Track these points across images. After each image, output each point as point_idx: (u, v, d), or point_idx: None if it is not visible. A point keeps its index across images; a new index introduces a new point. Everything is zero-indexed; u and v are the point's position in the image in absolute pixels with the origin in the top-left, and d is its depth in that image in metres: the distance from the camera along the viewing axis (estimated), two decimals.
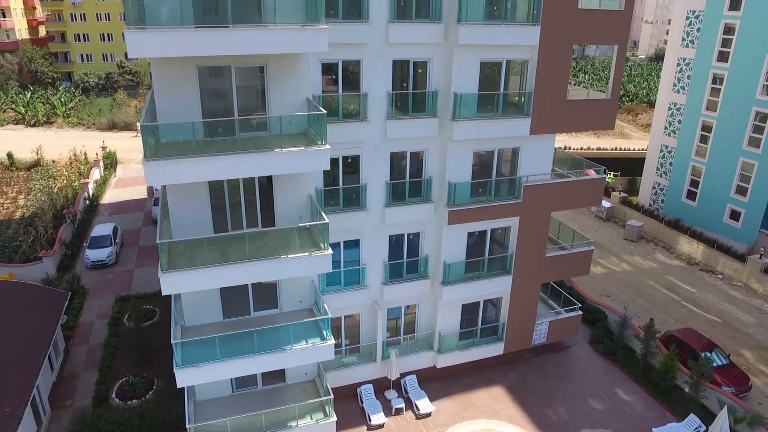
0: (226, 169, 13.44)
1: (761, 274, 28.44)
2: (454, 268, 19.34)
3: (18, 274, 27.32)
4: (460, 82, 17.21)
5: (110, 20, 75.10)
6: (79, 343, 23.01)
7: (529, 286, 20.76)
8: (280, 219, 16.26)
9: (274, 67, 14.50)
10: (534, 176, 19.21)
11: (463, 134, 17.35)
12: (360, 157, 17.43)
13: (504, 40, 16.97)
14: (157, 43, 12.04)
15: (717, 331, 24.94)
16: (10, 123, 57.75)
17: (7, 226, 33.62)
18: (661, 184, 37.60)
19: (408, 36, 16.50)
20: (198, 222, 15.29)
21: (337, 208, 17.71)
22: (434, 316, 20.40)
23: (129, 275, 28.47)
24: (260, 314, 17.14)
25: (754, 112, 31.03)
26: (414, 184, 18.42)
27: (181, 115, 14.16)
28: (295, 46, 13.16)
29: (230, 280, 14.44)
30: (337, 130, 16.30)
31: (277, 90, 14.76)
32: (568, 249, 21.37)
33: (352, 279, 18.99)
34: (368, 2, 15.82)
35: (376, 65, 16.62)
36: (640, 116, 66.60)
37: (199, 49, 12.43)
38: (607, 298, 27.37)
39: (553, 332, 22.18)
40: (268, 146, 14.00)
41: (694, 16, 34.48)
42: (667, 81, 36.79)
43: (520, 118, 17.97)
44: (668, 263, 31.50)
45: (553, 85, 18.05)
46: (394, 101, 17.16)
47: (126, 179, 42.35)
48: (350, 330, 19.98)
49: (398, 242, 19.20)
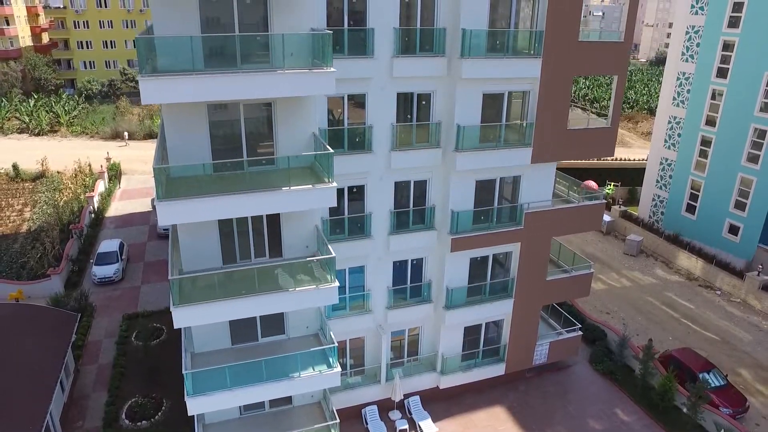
0: (236, 207, 13.83)
1: (759, 290, 28.80)
2: (457, 292, 19.74)
3: (27, 292, 27.75)
4: (463, 113, 17.59)
5: (113, 27, 75.53)
6: (89, 363, 23.42)
7: (530, 309, 21.16)
8: (287, 249, 16.68)
9: (281, 104, 14.89)
10: (535, 203, 19.59)
11: (466, 165, 17.73)
12: (365, 186, 17.83)
13: (506, 73, 17.36)
14: (169, 91, 12.38)
15: (715, 349, 25.32)
16: (14, 132, 58.16)
17: (14, 240, 34.04)
18: (661, 196, 37.94)
19: (412, 70, 16.89)
20: (207, 252, 15.68)
21: (342, 237, 18.11)
22: (437, 338, 20.79)
23: (136, 292, 28.88)
24: (268, 340, 17.56)
25: (752, 128, 31.37)
26: (417, 212, 18.82)
27: (191, 149, 14.53)
28: (303, 89, 13.55)
29: (240, 313, 14.86)
30: (343, 161, 16.66)
31: (284, 125, 15.16)
32: (569, 271, 21.76)
33: (357, 304, 19.41)
34: (373, 39, 16.20)
35: (380, 98, 17.00)
36: (640, 124, 66.79)
37: (209, 94, 12.83)
38: (606, 315, 27.74)
39: (553, 352, 22.58)
40: (276, 183, 14.37)
41: (694, 32, 34.81)
42: (667, 94, 37.11)
43: (522, 148, 18.34)
44: (667, 279, 31.86)
45: (554, 115, 18.42)
46: (398, 133, 17.53)
47: (130, 191, 42.75)
48: (355, 351, 20.40)
49: (402, 268, 19.60)
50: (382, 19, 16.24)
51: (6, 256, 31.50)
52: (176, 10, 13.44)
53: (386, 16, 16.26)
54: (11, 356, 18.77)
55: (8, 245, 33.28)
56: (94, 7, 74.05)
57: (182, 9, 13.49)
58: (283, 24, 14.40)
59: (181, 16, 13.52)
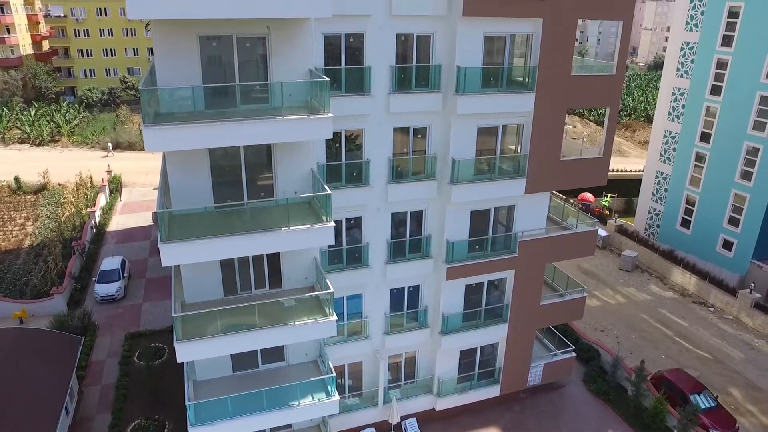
0: (237, 247, 14.19)
1: (751, 308, 29.27)
2: (452, 318, 20.19)
3: (30, 311, 28.18)
4: (458, 147, 18.02)
5: (113, 36, 75.90)
6: (92, 383, 23.85)
7: (525, 333, 21.61)
8: (287, 281, 17.16)
9: (280, 144, 15.33)
10: (529, 231, 20.03)
11: (461, 197, 18.17)
12: (362, 218, 18.26)
13: (500, 107, 17.80)
14: (172, 139, 12.82)
15: (707, 368, 25.79)
16: (15, 142, 58.53)
17: (17, 256, 34.45)
18: (657, 209, 38.40)
19: (408, 106, 17.33)
20: (209, 285, 16.22)
21: (341, 266, 18.55)
22: (433, 361, 21.25)
23: (138, 309, 29.31)
24: (268, 367, 18.01)
25: (745, 146, 31.82)
26: (414, 242, 19.26)
27: (193, 184, 14.91)
28: (302, 134, 14.00)
29: (241, 347, 15.36)
30: (341, 195, 17.08)
31: (282, 163, 15.63)
32: (563, 294, 22.20)
33: (355, 329, 19.85)
34: (370, 77, 16.63)
35: (377, 133, 17.43)
36: (637, 132, 67.08)
37: (212, 141, 13.29)
38: (601, 333, 28.20)
39: (547, 374, 23.05)
40: (276, 221, 14.82)
41: (689, 48, 35.22)
42: (663, 109, 37.54)
43: (516, 179, 18.78)
44: (662, 295, 32.33)
45: (548, 147, 18.86)
46: (395, 166, 17.96)
47: (131, 204, 43.16)
48: (353, 374, 20.84)
49: (399, 294, 20.04)
50: (379, 57, 16.68)
51: (9, 273, 31.89)
52: (179, 55, 13.86)
53: (383, 54, 16.71)
54: (17, 382, 19.21)
55: (11, 261, 33.68)
56: (95, 15, 74.42)
57: (185, 53, 13.91)
58: (282, 65, 14.82)
59: (184, 61, 13.95)
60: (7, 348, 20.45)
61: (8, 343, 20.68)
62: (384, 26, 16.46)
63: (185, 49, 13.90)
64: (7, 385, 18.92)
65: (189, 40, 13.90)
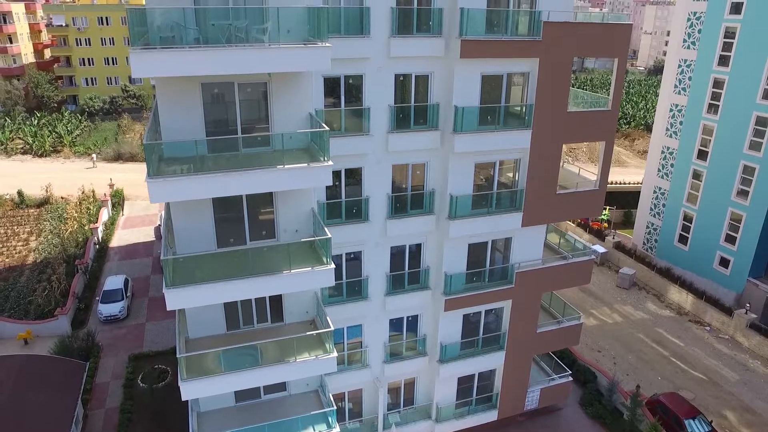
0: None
1: (747, 328, 29.61)
2: (450, 347, 20.55)
3: (34, 331, 28.56)
4: (456, 183, 18.37)
5: (114, 45, 76.28)
6: (97, 406, 24.22)
7: (522, 359, 21.97)
8: (288, 314, 17.49)
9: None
10: (525, 262, 20.38)
11: (459, 231, 18.52)
12: (362, 252, 18.61)
13: (497, 145, 18.14)
14: (177, 191, 13.17)
15: (702, 390, 26.14)
16: (17, 153, 58.92)
17: (20, 273, 34.84)
18: (655, 224, 38.73)
19: (407, 144, 17.68)
20: (211, 320, 16.54)
21: (341, 299, 18.93)
22: (432, 388, 21.61)
23: (141, 329, 29.69)
24: (270, 397, 18.32)
25: (742, 164, 32.13)
26: (412, 274, 19.61)
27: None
28: (301, 182, 14.30)
29: (245, 384, 15.68)
30: (340, 230, 17.51)
31: (284, 205, 15.95)
32: (560, 321, 22.55)
33: (355, 359, 20.23)
34: (369, 117, 16.98)
35: (376, 170, 17.75)
36: (637, 141, 67.24)
37: (217, 191, 13.61)
38: (598, 353, 28.56)
39: (544, 398, 23.40)
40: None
41: (686, 65, 35.50)
42: (661, 124, 37.87)
43: (513, 213, 19.13)
44: (658, 313, 32.67)
45: (544, 181, 19.20)
46: (394, 202, 18.30)
47: (133, 218, 43.54)
48: (353, 401, 21.21)
49: (398, 324, 20.40)
50: (378, 96, 17.03)
51: (13, 292, 32.30)
52: (182, 101, 14.19)
53: (382, 93, 17.05)
54: (23, 410, 19.59)
55: (15, 279, 34.07)
56: (96, 24, 74.79)
57: (187, 99, 14.22)
58: (283, 108, 15.11)
59: (187, 106, 14.25)
60: (14, 376, 20.84)
61: (14, 371, 21.06)
62: (383, 67, 16.82)
63: (188, 96, 14.20)
64: (13, 414, 19.31)
65: (191, 88, 14.24)
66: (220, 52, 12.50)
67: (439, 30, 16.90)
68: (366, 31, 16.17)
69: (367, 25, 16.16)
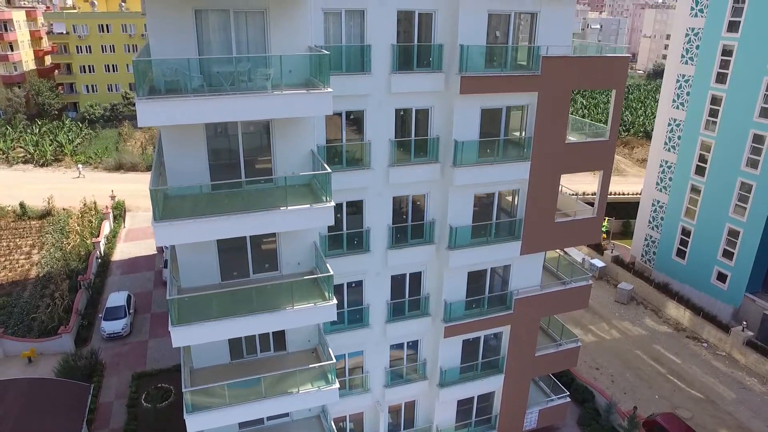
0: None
1: (743, 346, 29.90)
2: (450, 372, 20.84)
3: (38, 349, 28.83)
4: (456, 214, 18.64)
5: (115, 52, 76.48)
6: (101, 427, 24.50)
7: (520, 382, 22.27)
8: (291, 344, 17.79)
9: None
10: (524, 288, 20.66)
11: (458, 261, 18.79)
12: (363, 281, 18.90)
13: (496, 177, 18.39)
14: (181, 234, 13.44)
15: (699, 408, 26.44)
16: (19, 162, 59.13)
17: (23, 288, 35.11)
18: (653, 237, 39.00)
19: (407, 177, 17.93)
20: (214, 351, 16.83)
21: (342, 327, 19.20)
22: (432, 410, 21.90)
23: (144, 347, 29.96)
24: (273, 423, 18.66)
25: (739, 181, 32.40)
26: (413, 302, 19.90)
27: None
28: (304, 223, 14.52)
29: (250, 415, 15.93)
30: (341, 262, 17.79)
31: (287, 243, 16.21)
32: (558, 343, 22.83)
33: (356, 383, 20.52)
34: (370, 151, 17.26)
35: (377, 202, 18.02)
36: (636, 150, 67.36)
37: (217, 232, 13.87)
38: (596, 371, 28.85)
39: (543, 418, 23.71)
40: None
41: (684, 80, 35.76)
42: (659, 138, 38.11)
43: (512, 242, 19.40)
44: (656, 329, 32.97)
45: (543, 210, 19.46)
46: (394, 232, 18.58)
47: (135, 231, 43.78)
48: (354, 423, 21.50)
49: (399, 348, 20.69)
50: (379, 131, 17.29)
51: (17, 308, 32.57)
52: (186, 146, 14.44)
53: (382, 127, 17.32)
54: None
55: (18, 294, 34.33)
56: (96, 32, 74.99)
57: (192, 143, 14.49)
58: (286, 145, 15.33)
59: (191, 150, 14.50)
60: (19, 401, 21.10)
61: (19, 396, 21.31)
62: (384, 103, 17.08)
63: (192, 138, 14.39)
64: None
65: (196, 130, 14.45)
66: (224, 100, 12.70)
67: (439, 66, 17.15)
68: (367, 68, 16.43)
69: (368, 62, 16.42)
